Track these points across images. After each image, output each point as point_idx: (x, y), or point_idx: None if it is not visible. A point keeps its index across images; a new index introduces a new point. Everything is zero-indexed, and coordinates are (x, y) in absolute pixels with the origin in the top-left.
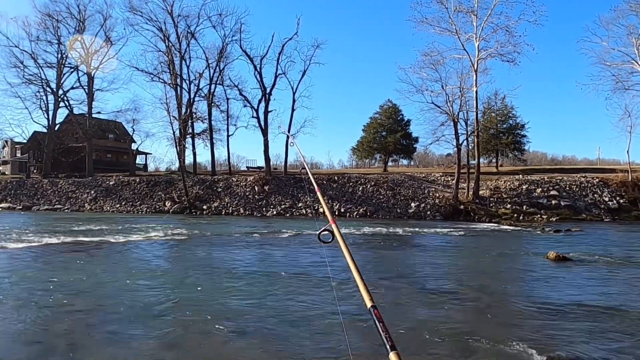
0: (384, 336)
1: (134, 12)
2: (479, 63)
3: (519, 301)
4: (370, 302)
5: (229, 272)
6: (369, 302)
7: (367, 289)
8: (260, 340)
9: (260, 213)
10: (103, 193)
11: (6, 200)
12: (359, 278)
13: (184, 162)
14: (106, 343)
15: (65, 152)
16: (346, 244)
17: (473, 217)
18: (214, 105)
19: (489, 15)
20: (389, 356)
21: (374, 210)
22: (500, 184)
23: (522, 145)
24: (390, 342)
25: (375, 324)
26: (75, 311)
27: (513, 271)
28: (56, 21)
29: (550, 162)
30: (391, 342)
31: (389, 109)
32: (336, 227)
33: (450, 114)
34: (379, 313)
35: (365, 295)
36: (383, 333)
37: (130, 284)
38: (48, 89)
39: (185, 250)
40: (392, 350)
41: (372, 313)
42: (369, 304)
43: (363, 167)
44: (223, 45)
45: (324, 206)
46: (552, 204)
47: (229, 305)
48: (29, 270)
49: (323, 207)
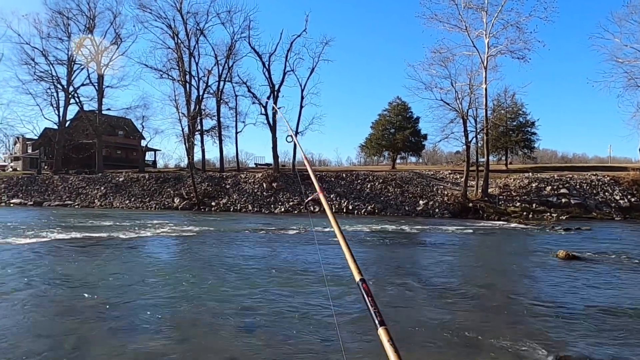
0: (373, 310)
1: (143, 9)
2: (488, 60)
3: (528, 300)
4: (358, 276)
5: (236, 268)
6: (357, 275)
7: (356, 263)
8: (268, 336)
9: (268, 210)
10: (113, 189)
11: (18, 196)
12: (348, 251)
13: (192, 158)
14: (115, 337)
15: (75, 148)
16: (334, 214)
17: (482, 215)
18: (223, 102)
19: (499, 11)
20: (377, 331)
21: (382, 207)
22: (509, 182)
23: (532, 143)
24: (379, 317)
25: (364, 298)
26: (86, 306)
27: (522, 269)
28: (67, 18)
29: (561, 160)
30: (380, 317)
31: (397, 106)
32: (324, 196)
33: (459, 111)
34: (367, 287)
35: (353, 269)
36: (372, 307)
37: (139, 279)
38: (59, 85)
39: (193, 247)
40: (381, 325)
41: (360, 287)
42: (357, 277)
43: (371, 164)
44: (232, 42)
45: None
46: (562, 202)
47: (236, 301)
48: (40, 265)
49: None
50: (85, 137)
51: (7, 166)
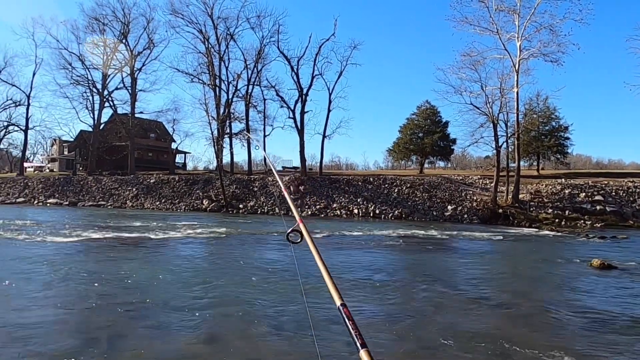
0: (354, 334)
1: (175, 14)
2: (520, 63)
3: (562, 309)
4: (339, 301)
5: (263, 272)
6: (338, 300)
7: (337, 288)
8: (295, 340)
9: None
10: (144, 190)
11: (54, 196)
12: (328, 278)
13: (221, 161)
14: (146, 335)
15: (109, 150)
16: (314, 243)
17: (512, 222)
18: (251, 106)
19: (532, 14)
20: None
21: (409, 212)
22: (541, 188)
23: (565, 148)
24: (361, 339)
25: (345, 322)
26: (117, 303)
27: (554, 278)
28: (102, 24)
29: (595, 165)
30: (361, 340)
31: (426, 110)
32: (304, 227)
33: (489, 116)
34: (348, 311)
35: (334, 294)
36: (353, 331)
37: (169, 279)
38: (94, 89)
39: (222, 249)
40: (363, 347)
41: (341, 311)
42: (338, 302)
43: (398, 168)
44: (261, 46)
45: (291, 206)
46: (597, 209)
47: (263, 304)
48: (76, 263)
49: (290, 207)
50: (118, 139)
51: (44, 167)
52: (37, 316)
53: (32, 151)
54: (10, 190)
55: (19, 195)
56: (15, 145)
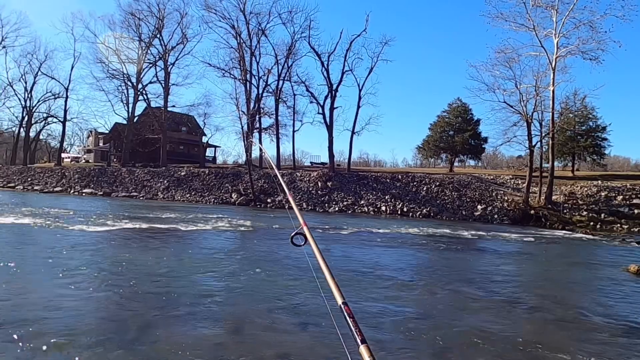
0: (355, 330)
1: (208, 10)
2: (557, 61)
3: (595, 315)
4: (341, 299)
5: (290, 266)
6: (340, 299)
7: (339, 288)
8: (319, 334)
9: (322, 209)
10: (175, 183)
11: (89, 186)
12: (330, 277)
13: (250, 155)
14: (174, 324)
15: (142, 142)
16: (317, 245)
17: (544, 224)
18: (281, 101)
19: (570, 10)
20: (359, 350)
21: (438, 211)
22: (575, 190)
23: (602, 149)
24: (361, 335)
25: (346, 320)
26: (147, 292)
27: (588, 283)
28: (138, 19)
29: (634, 167)
30: (361, 336)
31: (458, 108)
32: (308, 230)
33: (523, 114)
34: (349, 309)
35: (336, 293)
36: (354, 328)
37: (198, 270)
38: (129, 83)
39: (249, 242)
40: (363, 343)
41: (342, 309)
42: (339, 301)
43: (428, 166)
44: (292, 42)
45: (295, 211)
46: (635, 213)
47: (289, 299)
48: (109, 252)
49: (295, 211)
50: (151, 132)
51: (80, 158)
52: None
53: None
54: (49, 179)
55: (57, 185)
56: (54, 136)
